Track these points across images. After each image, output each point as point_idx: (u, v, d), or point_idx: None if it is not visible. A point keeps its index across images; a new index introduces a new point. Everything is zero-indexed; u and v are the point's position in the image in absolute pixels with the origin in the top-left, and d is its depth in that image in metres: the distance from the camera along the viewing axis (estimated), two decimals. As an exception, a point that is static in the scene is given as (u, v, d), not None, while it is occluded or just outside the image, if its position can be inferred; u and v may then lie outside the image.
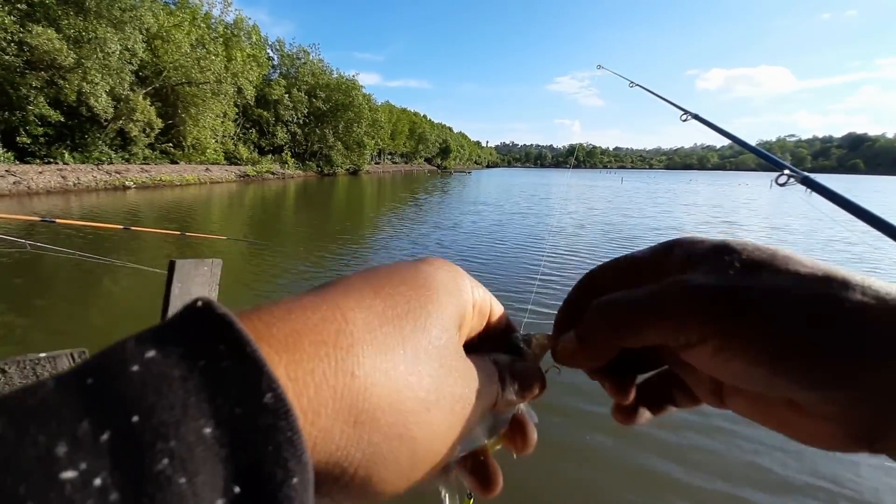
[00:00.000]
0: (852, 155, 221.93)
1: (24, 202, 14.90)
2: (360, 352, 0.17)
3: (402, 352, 0.18)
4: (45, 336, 4.25)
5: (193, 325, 0.14)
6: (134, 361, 0.12)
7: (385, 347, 0.18)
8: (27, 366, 1.21)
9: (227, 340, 0.13)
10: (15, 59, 18.53)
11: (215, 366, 0.13)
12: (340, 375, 0.16)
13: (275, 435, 0.12)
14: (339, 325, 0.17)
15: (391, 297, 0.19)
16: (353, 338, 0.17)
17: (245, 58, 33.79)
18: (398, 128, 74.96)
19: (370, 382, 0.17)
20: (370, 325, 0.18)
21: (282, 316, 0.16)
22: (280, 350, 0.15)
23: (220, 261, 1.46)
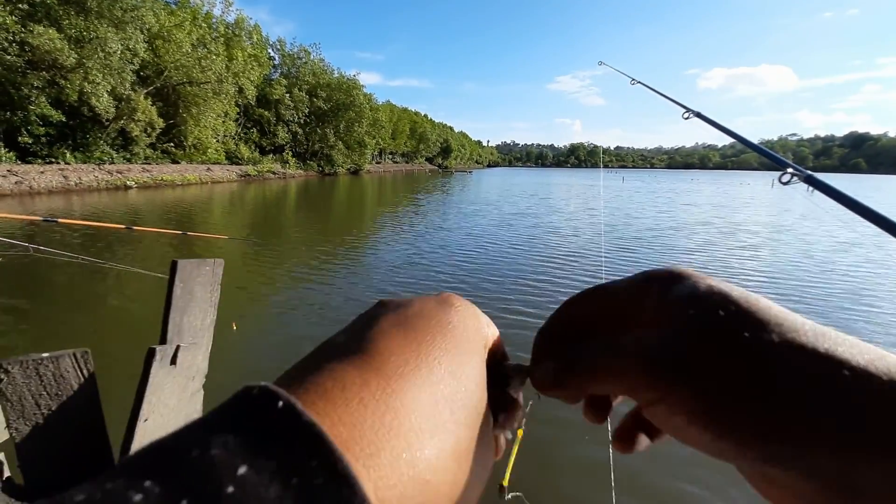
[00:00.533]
0: (854, 154, 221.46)
1: (26, 202, 14.93)
2: (425, 455, 0.17)
3: (447, 437, 0.18)
4: (47, 336, 4.26)
5: (279, 430, 0.13)
6: (228, 480, 0.11)
7: (437, 432, 0.18)
8: (30, 366, 1.22)
9: (318, 455, 0.13)
10: (17, 59, 18.59)
11: (309, 485, 0.12)
12: (396, 439, 0.16)
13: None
14: (406, 421, 0.17)
15: (433, 359, 0.20)
16: (420, 435, 0.17)
17: (246, 57, 33.86)
18: (399, 127, 74.98)
19: (424, 436, 0.17)
20: (429, 416, 0.18)
21: (358, 413, 0.16)
22: (366, 461, 0.15)
23: (221, 261, 1.46)
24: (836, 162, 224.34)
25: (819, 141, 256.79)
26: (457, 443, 0.18)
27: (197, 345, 1.46)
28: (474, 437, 0.19)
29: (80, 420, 1.30)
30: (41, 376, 1.21)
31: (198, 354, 1.48)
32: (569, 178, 59.21)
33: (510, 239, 10.05)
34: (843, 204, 0.85)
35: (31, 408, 1.24)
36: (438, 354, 0.20)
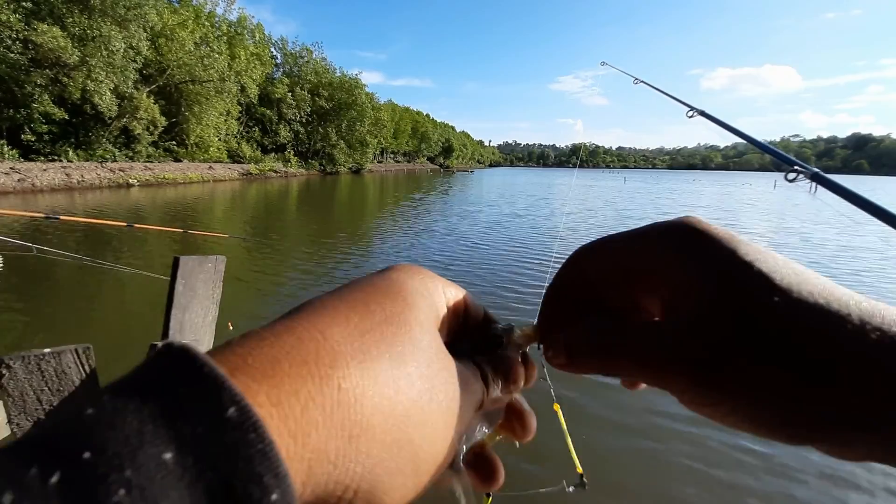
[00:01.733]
0: (857, 155, 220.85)
1: (29, 199, 14.97)
2: (343, 364, 0.16)
3: (388, 358, 0.18)
4: (49, 334, 4.27)
5: (152, 364, 0.13)
6: (88, 407, 0.11)
7: (369, 356, 0.17)
8: (32, 361, 1.22)
9: (183, 367, 0.13)
10: (20, 56, 18.62)
11: (173, 392, 0.12)
12: (327, 391, 0.15)
13: (244, 449, 0.12)
14: (317, 342, 0.17)
15: (366, 308, 0.19)
16: (335, 352, 0.16)
17: (248, 56, 33.89)
18: (401, 127, 74.96)
19: (359, 393, 0.16)
20: (350, 337, 0.17)
21: (255, 345, 0.16)
22: (259, 378, 0.14)
23: (223, 257, 1.46)
24: (839, 163, 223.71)
25: (821, 142, 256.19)
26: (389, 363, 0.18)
27: (198, 341, 1.45)
28: (422, 368, 0.19)
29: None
30: (43, 372, 1.21)
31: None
32: (570, 178, 59.14)
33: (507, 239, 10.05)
34: (850, 201, 0.85)
35: (33, 403, 1.24)
36: (367, 301, 0.20)
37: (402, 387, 0.18)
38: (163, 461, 0.11)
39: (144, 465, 0.11)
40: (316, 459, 0.14)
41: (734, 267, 0.19)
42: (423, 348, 0.19)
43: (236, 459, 0.11)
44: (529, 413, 0.26)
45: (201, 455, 0.11)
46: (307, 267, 7.03)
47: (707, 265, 0.20)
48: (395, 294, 0.20)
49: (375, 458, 0.16)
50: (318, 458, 0.14)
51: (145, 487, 0.10)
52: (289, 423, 0.14)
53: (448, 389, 0.20)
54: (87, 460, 0.10)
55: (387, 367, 0.17)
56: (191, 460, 0.11)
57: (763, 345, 0.18)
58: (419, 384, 0.18)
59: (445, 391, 0.20)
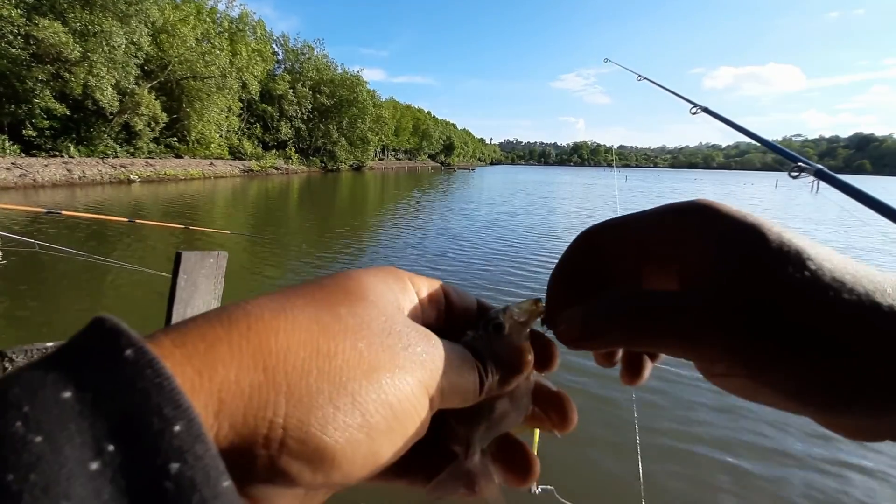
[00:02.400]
0: (859, 155, 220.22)
1: (30, 194, 14.98)
2: (256, 314, 0.16)
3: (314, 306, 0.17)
4: (51, 329, 4.28)
5: (73, 337, 0.13)
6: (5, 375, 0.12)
7: (290, 307, 0.17)
8: (34, 355, 1.22)
9: (94, 329, 0.13)
10: (21, 52, 18.58)
11: (75, 346, 0.12)
12: (235, 330, 0.15)
13: (140, 384, 0.12)
14: (237, 306, 0.16)
15: (312, 297, 0.18)
16: (254, 314, 0.16)
17: (250, 52, 33.79)
18: (402, 124, 74.86)
19: (271, 330, 0.16)
20: (277, 304, 0.17)
21: (184, 323, 0.16)
22: (170, 332, 0.15)
23: (225, 253, 1.47)
24: (841, 163, 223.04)
25: (824, 142, 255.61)
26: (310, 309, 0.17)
27: (200, 336, 1.46)
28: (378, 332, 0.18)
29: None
30: (45, 365, 1.22)
31: (201, 346, 1.48)
32: (571, 176, 59.07)
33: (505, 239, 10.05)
34: (854, 197, 0.85)
35: (36, 397, 1.24)
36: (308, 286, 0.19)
37: (328, 323, 0.17)
38: (61, 399, 0.11)
39: (43, 401, 0.11)
40: (227, 392, 0.14)
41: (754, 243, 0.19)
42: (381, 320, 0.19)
43: (132, 393, 0.11)
44: (568, 400, 0.25)
45: (98, 392, 0.11)
46: (308, 264, 7.03)
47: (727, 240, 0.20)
48: (354, 289, 0.19)
49: (299, 389, 0.15)
50: (228, 389, 0.14)
51: (41, 420, 0.10)
52: (193, 360, 0.14)
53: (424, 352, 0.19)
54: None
55: (310, 311, 0.17)
56: (89, 396, 0.11)
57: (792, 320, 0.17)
58: (353, 323, 0.17)
59: (397, 333, 0.19)
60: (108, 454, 0.11)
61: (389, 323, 0.19)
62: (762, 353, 0.18)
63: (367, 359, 0.17)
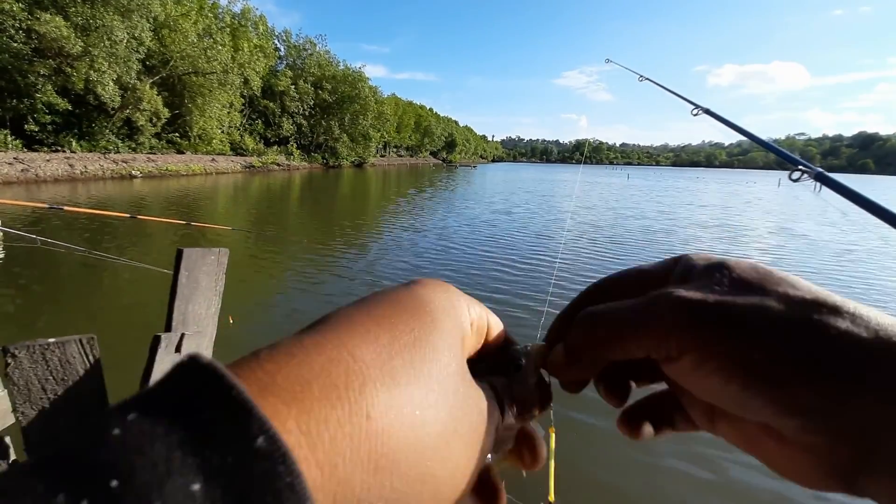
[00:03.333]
0: (862, 154, 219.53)
1: (32, 190, 15.00)
2: (373, 391, 0.16)
3: (416, 385, 0.17)
4: (53, 324, 4.30)
5: (177, 381, 0.13)
6: (114, 426, 0.11)
7: (398, 382, 0.17)
8: (36, 351, 1.23)
9: (212, 390, 0.12)
10: (23, 46, 18.59)
11: (200, 416, 0.12)
12: (356, 420, 0.15)
13: (272, 482, 0.11)
14: (347, 364, 0.16)
15: (395, 328, 0.18)
16: (365, 376, 0.16)
17: (252, 48, 33.75)
18: (404, 121, 74.77)
19: (387, 423, 0.16)
20: (379, 360, 0.17)
21: (284, 361, 0.15)
22: (288, 401, 0.14)
23: (226, 250, 1.47)
24: (844, 162, 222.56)
25: (827, 140, 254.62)
26: (416, 386, 0.17)
27: (202, 333, 1.46)
28: (448, 396, 0.18)
29: (87, 405, 1.31)
30: (47, 361, 1.22)
31: (202, 343, 1.48)
32: (573, 174, 58.95)
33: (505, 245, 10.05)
34: (854, 201, 0.85)
35: (38, 392, 1.25)
36: (393, 319, 0.19)
37: (429, 418, 0.17)
38: (191, 492, 0.10)
39: (172, 495, 0.10)
40: (341, 492, 0.14)
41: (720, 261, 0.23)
42: (449, 374, 0.19)
43: (265, 493, 0.11)
44: (541, 443, 0.26)
45: (230, 487, 0.11)
46: (309, 260, 7.04)
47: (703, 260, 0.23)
48: (422, 313, 0.20)
49: (399, 492, 0.15)
50: (343, 490, 0.14)
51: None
52: (317, 452, 0.14)
53: (472, 420, 0.20)
54: (114, 489, 0.10)
55: (415, 397, 0.17)
56: (219, 493, 0.11)
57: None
58: (444, 415, 0.18)
59: (469, 422, 0.19)
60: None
61: (465, 401, 0.19)
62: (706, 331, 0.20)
63: (453, 458, 0.18)
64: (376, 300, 0.20)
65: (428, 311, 0.20)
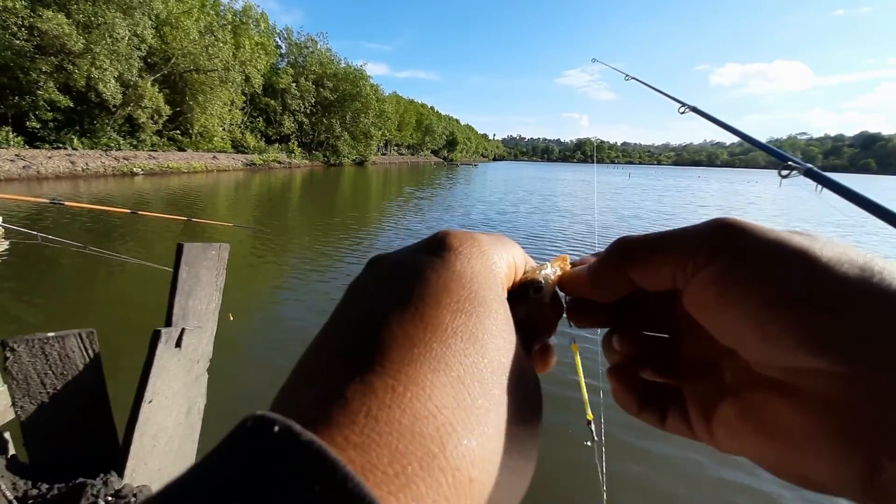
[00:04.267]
0: (864, 154, 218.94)
1: (34, 186, 15.02)
2: (468, 447, 0.14)
3: (496, 412, 0.16)
4: (53, 319, 4.30)
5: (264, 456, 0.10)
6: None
7: (486, 425, 0.15)
8: (35, 345, 1.23)
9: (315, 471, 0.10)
10: (25, 43, 18.59)
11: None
12: (461, 488, 0.13)
13: None
14: (434, 419, 0.14)
15: (457, 337, 0.16)
16: (454, 430, 0.14)
17: (253, 46, 33.70)
18: (405, 119, 74.68)
19: (487, 478, 0.14)
20: (462, 403, 0.15)
21: (370, 428, 0.13)
22: (395, 490, 0.12)
23: (227, 245, 1.47)
24: (846, 162, 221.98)
25: (829, 140, 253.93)
26: (497, 418, 0.15)
27: (202, 328, 1.46)
28: (516, 397, 0.17)
29: (86, 399, 1.31)
30: (47, 355, 1.22)
31: (202, 338, 1.48)
32: (574, 173, 58.89)
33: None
34: (846, 197, 0.85)
35: (37, 387, 1.25)
36: (448, 320, 0.17)
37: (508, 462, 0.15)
38: None
39: None
40: None
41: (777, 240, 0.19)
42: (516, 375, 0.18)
43: None
44: (553, 350, 0.25)
45: None
46: (310, 257, 7.04)
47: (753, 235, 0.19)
48: (466, 298, 0.18)
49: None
50: None
51: None
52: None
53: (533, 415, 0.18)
54: None
55: (499, 428, 0.15)
56: None
57: None
58: (518, 424, 0.17)
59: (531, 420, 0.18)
60: None
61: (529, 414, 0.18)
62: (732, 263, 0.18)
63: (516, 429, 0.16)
64: (419, 290, 0.18)
65: (472, 296, 0.18)
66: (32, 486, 1.22)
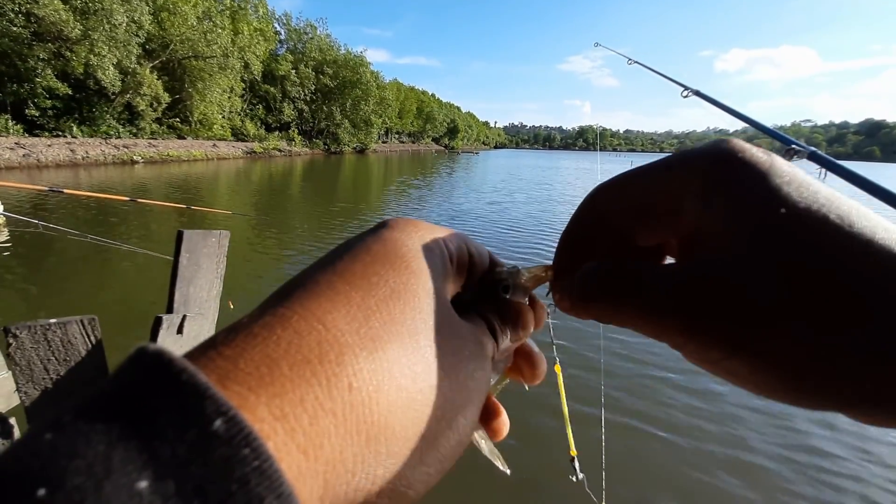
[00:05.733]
0: (869, 142, 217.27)
1: (34, 175, 14.99)
2: (352, 359, 0.14)
3: (399, 342, 0.16)
4: (55, 307, 4.33)
5: (123, 374, 0.11)
6: (48, 430, 0.09)
7: (379, 344, 0.15)
8: (38, 331, 1.24)
9: (158, 376, 0.10)
10: (22, 30, 18.40)
11: (146, 405, 0.10)
12: (336, 394, 0.13)
13: (236, 468, 0.10)
14: (318, 334, 0.14)
15: (367, 282, 0.17)
16: (340, 343, 0.14)
17: (252, 31, 33.34)
18: (406, 106, 74.13)
19: (373, 390, 0.14)
20: (355, 324, 0.15)
21: (246, 343, 0.13)
22: (255, 386, 0.12)
23: (227, 232, 1.47)
24: (850, 149, 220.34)
25: (833, 127, 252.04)
26: (399, 347, 0.15)
27: (203, 316, 1.47)
28: (427, 337, 0.17)
29: (88, 385, 1.32)
30: (49, 342, 1.23)
31: (204, 325, 1.49)
32: (574, 161, 58.59)
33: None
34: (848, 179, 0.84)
35: (40, 373, 1.26)
36: (360, 269, 0.17)
37: (419, 372, 0.16)
38: (136, 491, 0.09)
39: (114, 496, 0.09)
40: (332, 472, 0.13)
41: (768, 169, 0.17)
42: (436, 323, 0.17)
43: (228, 481, 0.09)
44: (539, 356, 0.25)
45: (184, 480, 0.09)
46: (310, 245, 7.04)
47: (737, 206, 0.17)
48: (394, 259, 0.18)
49: (398, 454, 0.14)
50: (333, 469, 0.13)
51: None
52: (297, 436, 0.12)
53: (467, 363, 0.18)
54: (41, 498, 0.08)
55: (400, 354, 0.15)
56: (172, 487, 0.09)
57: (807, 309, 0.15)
58: (437, 367, 0.16)
59: (465, 366, 0.18)
60: None
61: (456, 345, 0.18)
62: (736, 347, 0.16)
63: (452, 407, 0.17)
64: (342, 254, 0.18)
65: (401, 256, 0.18)
66: (38, 469, 1.23)
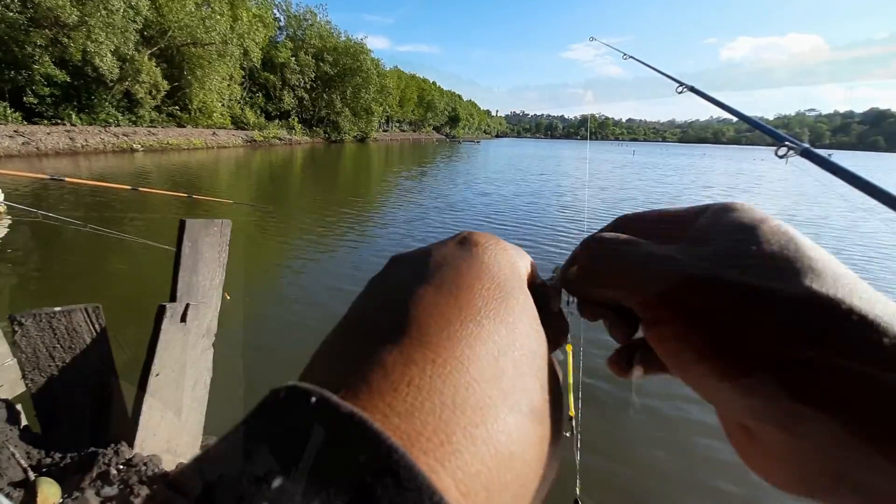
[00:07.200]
0: (873, 131, 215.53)
1: (34, 163, 14.95)
2: (505, 420, 0.14)
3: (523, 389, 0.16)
4: (57, 296, 4.34)
5: (313, 430, 0.11)
6: (262, 486, 0.09)
7: (517, 398, 0.15)
8: (43, 319, 1.25)
9: (365, 448, 0.10)
10: (19, 16, 18.23)
11: (366, 488, 0.10)
12: (502, 461, 0.13)
13: None
14: (474, 391, 0.14)
15: (487, 316, 0.17)
16: (493, 403, 0.14)
17: (251, 18, 32.97)
18: (407, 95, 73.57)
19: (520, 451, 0.14)
20: (496, 377, 0.15)
21: (413, 397, 0.13)
22: (441, 457, 0.12)
23: (229, 221, 1.47)
24: (854, 139, 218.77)
25: (838, 117, 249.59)
26: (530, 398, 0.16)
27: (206, 303, 1.48)
28: (544, 385, 0.17)
29: (94, 372, 1.34)
30: (54, 329, 1.24)
31: (207, 313, 1.50)
32: (574, 150, 58.32)
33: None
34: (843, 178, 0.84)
35: (46, 360, 1.27)
36: (481, 304, 0.17)
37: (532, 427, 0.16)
38: None
39: None
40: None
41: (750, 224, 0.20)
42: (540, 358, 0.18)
43: None
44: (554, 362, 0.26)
45: None
46: (312, 234, 7.04)
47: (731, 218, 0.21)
48: (496, 288, 0.19)
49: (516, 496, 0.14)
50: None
51: None
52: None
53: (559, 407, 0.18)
54: None
55: (532, 425, 0.16)
56: None
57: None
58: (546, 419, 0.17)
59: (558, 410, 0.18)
60: None
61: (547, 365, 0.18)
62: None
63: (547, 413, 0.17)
64: (451, 277, 0.19)
65: (500, 285, 0.19)
66: (46, 454, 1.25)
